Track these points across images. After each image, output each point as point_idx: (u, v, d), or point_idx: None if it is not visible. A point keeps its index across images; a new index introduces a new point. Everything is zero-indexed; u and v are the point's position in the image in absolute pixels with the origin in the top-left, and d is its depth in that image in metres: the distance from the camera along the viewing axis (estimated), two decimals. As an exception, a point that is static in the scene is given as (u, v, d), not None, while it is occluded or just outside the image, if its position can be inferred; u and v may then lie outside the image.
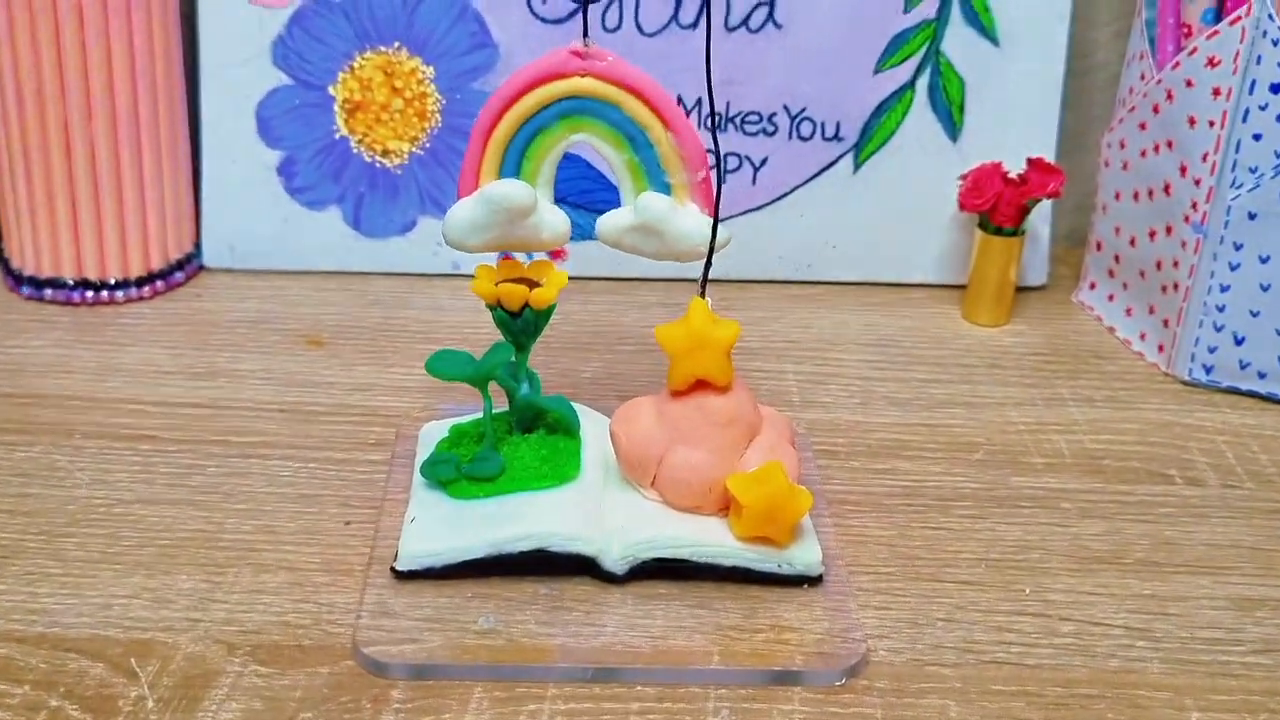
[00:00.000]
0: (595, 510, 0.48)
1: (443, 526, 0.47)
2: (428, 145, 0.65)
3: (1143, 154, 0.61)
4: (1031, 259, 0.67)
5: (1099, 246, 0.65)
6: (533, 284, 0.49)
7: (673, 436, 0.47)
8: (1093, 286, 0.66)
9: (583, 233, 0.58)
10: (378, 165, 0.65)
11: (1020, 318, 0.66)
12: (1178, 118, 0.58)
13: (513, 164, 0.47)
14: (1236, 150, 0.56)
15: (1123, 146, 0.62)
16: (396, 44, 0.63)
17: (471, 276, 0.48)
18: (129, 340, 0.61)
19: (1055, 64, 0.65)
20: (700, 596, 0.46)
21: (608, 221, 0.48)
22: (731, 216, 0.64)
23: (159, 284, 0.63)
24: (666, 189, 0.47)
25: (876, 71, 0.64)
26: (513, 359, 0.49)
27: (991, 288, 0.64)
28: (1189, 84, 0.57)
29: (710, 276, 0.47)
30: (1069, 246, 0.72)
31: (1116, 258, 0.64)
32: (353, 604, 0.45)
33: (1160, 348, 0.61)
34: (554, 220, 0.48)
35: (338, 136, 0.64)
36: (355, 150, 0.65)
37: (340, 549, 0.48)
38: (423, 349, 0.61)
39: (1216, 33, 0.56)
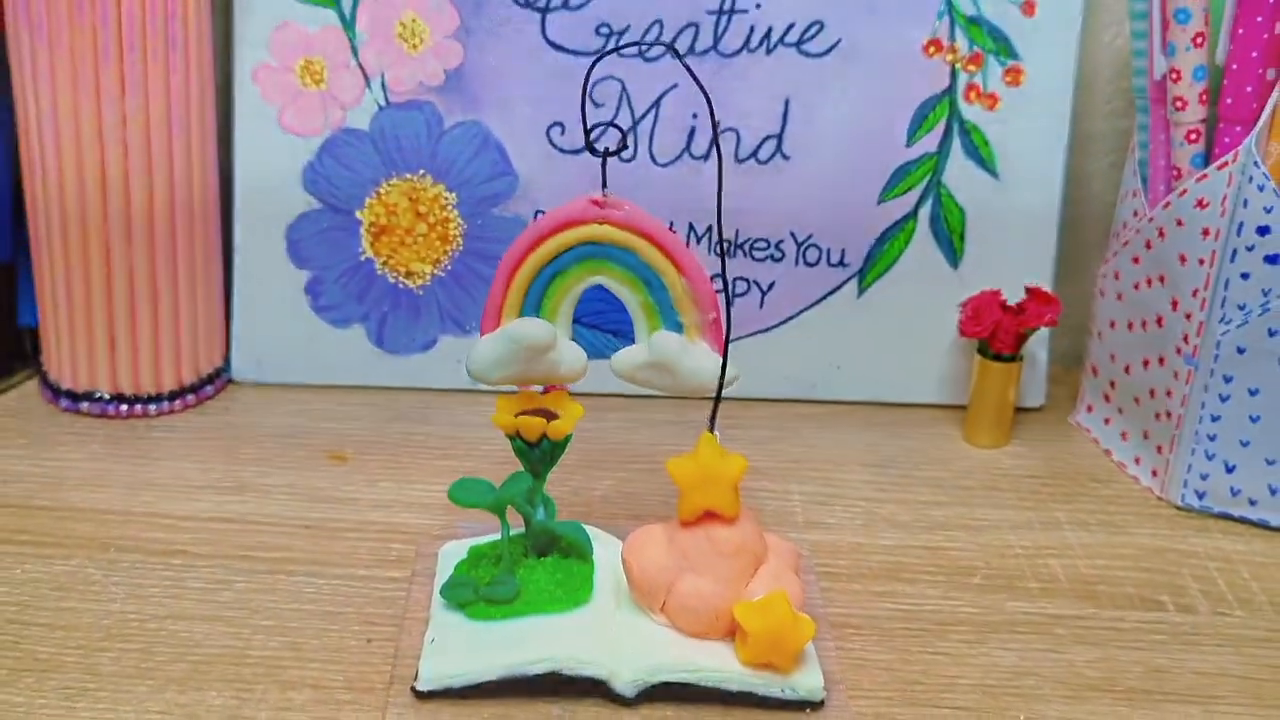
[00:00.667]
0: (607, 634, 0.49)
1: (461, 648, 0.49)
2: (449, 267, 0.67)
3: (1136, 286, 0.63)
4: (1030, 381, 0.69)
5: (1095, 371, 0.67)
6: (550, 415, 0.51)
7: (682, 565, 0.49)
8: (1089, 409, 0.68)
9: (595, 351, 0.60)
10: (401, 286, 0.67)
11: (1019, 439, 0.68)
12: (1169, 255, 0.61)
13: (533, 304, 0.50)
14: (1225, 288, 0.58)
15: (1117, 278, 0.65)
16: (421, 171, 0.66)
17: (489, 392, 0.50)
18: (161, 454, 0.63)
19: (1052, 196, 0.67)
20: (707, 721, 0.48)
21: (623, 358, 0.51)
22: (739, 338, 0.66)
23: (190, 398, 0.65)
24: (679, 328, 0.50)
25: (880, 201, 0.67)
26: (530, 486, 0.51)
27: (991, 411, 0.66)
28: (1179, 223, 0.60)
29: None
30: (1065, 367, 0.75)
31: (1112, 383, 0.66)
32: (374, 724, 0.47)
33: (1154, 472, 0.63)
34: (572, 356, 0.51)
35: (363, 258, 0.67)
36: (380, 271, 0.67)
37: (362, 666, 0.49)
38: (442, 465, 0.63)
39: (1205, 176, 0.58)
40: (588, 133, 0.48)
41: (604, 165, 0.49)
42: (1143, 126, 0.63)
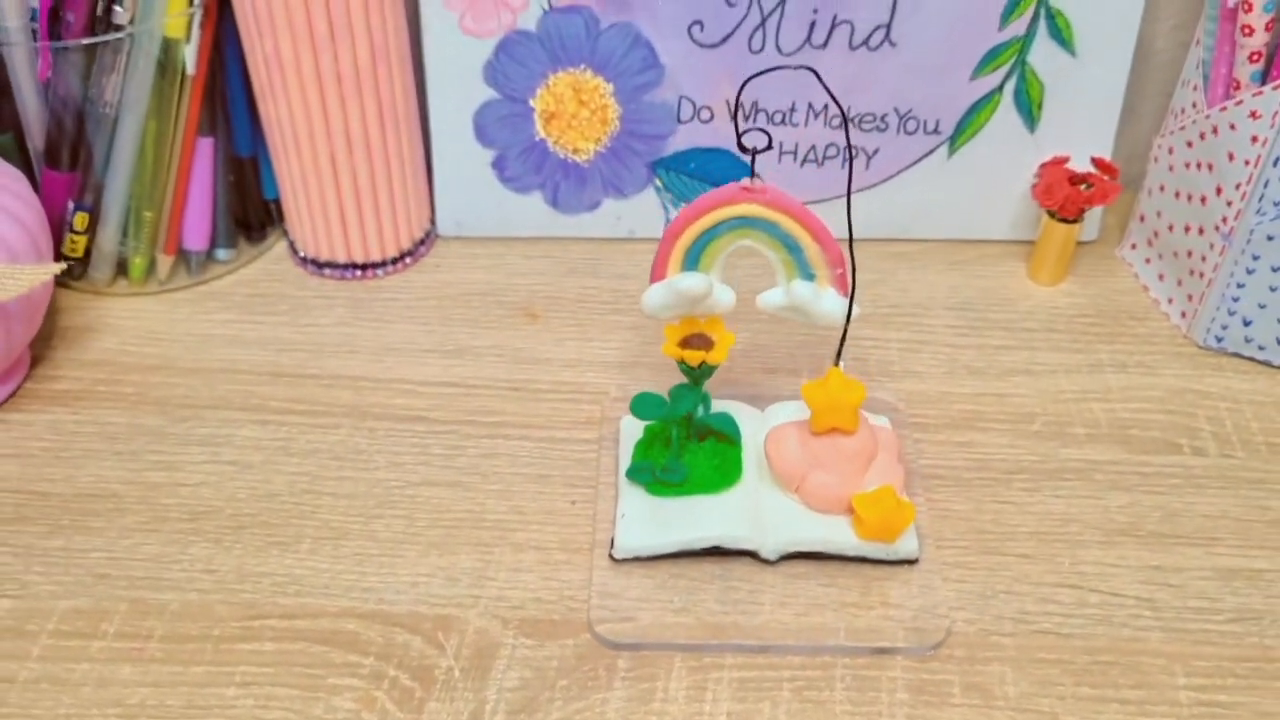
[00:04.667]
0: (754, 510, 0.54)
1: (645, 523, 0.53)
2: (609, 145, 0.66)
3: (1187, 165, 0.61)
4: (1086, 218, 0.68)
5: (1142, 219, 0.66)
6: (707, 339, 0.53)
7: (812, 462, 0.53)
8: (1133, 247, 0.68)
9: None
10: (570, 161, 0.67)
11: (1073, 273, 0.68)
12: (1219, 150, 0.59)
13: (693, 259, 0.51)
14: (1265, 186, 0.57)
15: (1171, 152, 0.63)
16: (583, 66, 0.64)
17: (642, 240, 0.61)
18: (393, 317, 0.65)
19: (1120, 73, 0.64)
20: (830, 575, 0.52)
21: (767, 299, 0.52)
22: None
23: (408, 259, 0.67)
24: (812, 278, 0.51)
25: (972, 79, 0.64)
26: (693, 403, 0.54)
27: (1052, 259, 0.66)
28: (1232, 127, 0.58)
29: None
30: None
31: (1155, 233, 0.65)
32: (584, 580, 0.52)
33: (1183, 314, 0.63)
34: (725, 298, 0.52)
35: (537, 139, 0.66)
36: (552, 150, 0.66)
37: (570, 529, 0.54)
38: (613, 320, 0.65)
39: (1261, 93, 0.56)
40: (740, 134, 0.48)
41: (753, 160, 0.49)
42: (1210, 33, 0.59)
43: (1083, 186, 0.64)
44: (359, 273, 0.66)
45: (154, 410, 0.60)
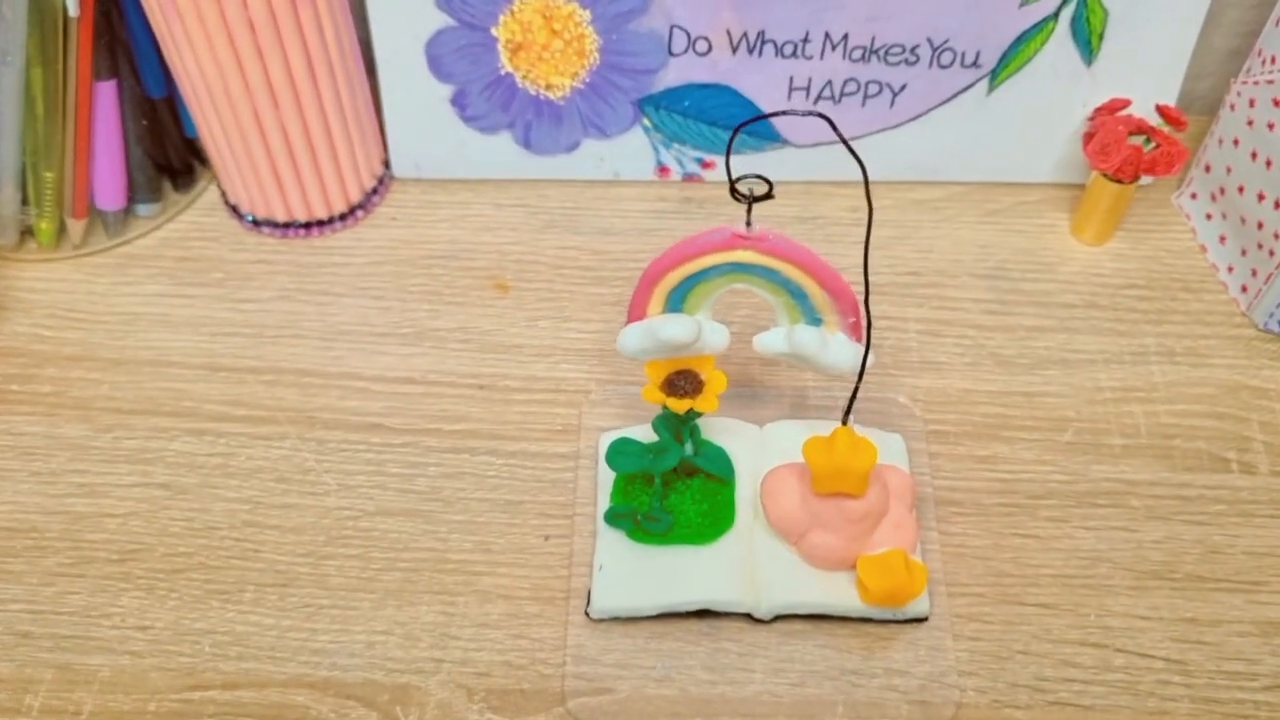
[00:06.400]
0: (747, 563, 0.48)
1: (625, 579, 0.48)
2: (587, 80, 0.56)
3: (1270, 126, 0.52)
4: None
5: (1208, 169, 0.57)
6: (695, 378, 0.46)
7: (812, 521, 0.47)
8: (1194, 197, 0.58)
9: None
10: (542, 98, 0.57)
11: (1124, 223, 0.59)
12: (1313, 122, 0.49)
13: (677, 302, 0.43)
14: (1362, 175, 0.48)
15: (1252, 105, 0.53)
16: (554, -10, 0.54)
17: (629, 183, 0.55)
18: (343, 288, 0.57)
19: (1199, 6, 0.53)
20: (829, 633, 0.47)
21: (766, 343, 0.45)
22: (868, 134, 0.57)
23: (359, 213, 0.58)
24: (818, 323, 0.43)
25: (1023, 4, 0.53)
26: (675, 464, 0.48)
27: (1099, 217, 0.57)
28: (1332, 101, 0.48)
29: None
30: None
31: (1222, 189, 0.56)
32: (558, 639, 0.47)
33: (1244, 288, 0.55)
34: (715, 340, 0.45)
35: (503, 73, 0.56)
36: (521, 85, 0.56)
37: (543, 571, 0.49)
38: (595, 293, 0.58)
39: (1373, 70, 0.46)
40: (733, 182, 0.39)
41: (749, 210, 0.40)
42: (1318, -21, 0.49)
43: (1143, 141, 0.54)
44: (302, 231, 0.58)
45: (75, 416, 0.53)
